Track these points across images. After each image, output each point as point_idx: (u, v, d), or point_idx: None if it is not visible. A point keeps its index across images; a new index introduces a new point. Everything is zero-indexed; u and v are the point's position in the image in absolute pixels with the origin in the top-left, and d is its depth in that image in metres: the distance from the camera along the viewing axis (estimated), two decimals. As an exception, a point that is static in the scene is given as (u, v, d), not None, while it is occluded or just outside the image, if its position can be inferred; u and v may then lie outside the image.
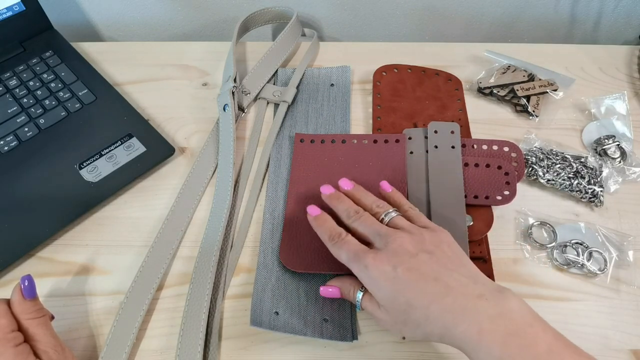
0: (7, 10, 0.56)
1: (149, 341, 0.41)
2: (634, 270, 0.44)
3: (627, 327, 0.42)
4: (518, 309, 0.32)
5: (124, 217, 0.48)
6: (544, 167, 0.49)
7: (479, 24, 0.69)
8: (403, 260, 0.34)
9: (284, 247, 0.45)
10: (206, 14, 0.68)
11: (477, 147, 0.49)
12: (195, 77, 0.59)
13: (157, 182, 0.50)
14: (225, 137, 0.51)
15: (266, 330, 0.41)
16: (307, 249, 0.44)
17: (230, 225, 0.47)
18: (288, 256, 0.44)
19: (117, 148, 0.50)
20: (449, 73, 0.58)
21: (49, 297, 0.43)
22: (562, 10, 0.66)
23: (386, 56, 0.60)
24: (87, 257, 0.45)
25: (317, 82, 0.58)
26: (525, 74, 0.56)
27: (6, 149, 0.50)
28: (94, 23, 0.69)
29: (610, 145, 0.51)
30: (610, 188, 0.49)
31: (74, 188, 0.47)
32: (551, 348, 0.30)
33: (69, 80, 0.55)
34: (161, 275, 0.44)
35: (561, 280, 0.44)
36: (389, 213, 0.39)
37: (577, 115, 0.55)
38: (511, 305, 0.32)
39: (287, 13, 0.62)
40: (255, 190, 0.49)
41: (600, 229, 0.46)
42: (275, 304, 0.42)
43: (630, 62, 0.60)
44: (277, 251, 0.45)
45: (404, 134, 0.51)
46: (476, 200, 0.45)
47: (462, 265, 0.35)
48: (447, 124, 0.50)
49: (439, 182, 0.46)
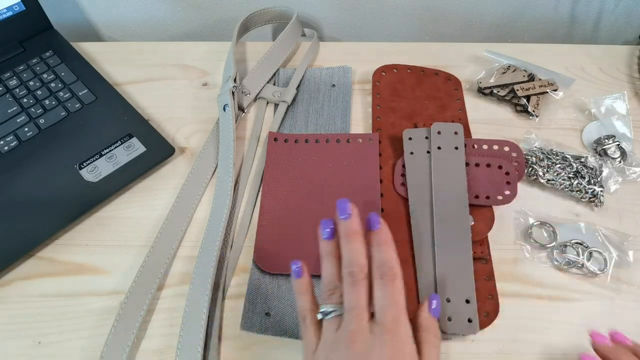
0: (7, 10, 0.56)
1: (149, 341, 0.41)
2: (634, 270, 0.44)
3: (627, 327, 0.41)
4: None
5: (124, 217, 0.48)
6: (544, 167, 0.49)
7: (479, 24, 0.69)
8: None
9: (258, 248, 0.45)
10: (206, 14, 0.68)
11: (477, 147, 0.49)
12: (195, 77, 0.59)
13: (157, 182, 0.50)
14: (225, 137, 0.51)
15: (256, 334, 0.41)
16: (281, 250, 0.44)
17: (230, 225, 0.47)
18: (262, 257, 0.44)
19: (117, 148, 0.50)
20: (448, 73, 0.58)
21: (49, 297, 0.43)
22: (562, 10, 0.66)
23: (386, 56, 0.60)
24: (87, 257, 0.45)
25: (318, 83, 0.58)
26: (525, 74, 0.56)
27: (6, 149, 0.50)
28: (94, 23, 0.69)
29: (610, 145, 0.51)
30: (611, 188, 0.49)
31: (74, 188, 0.47)
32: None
33: (69, 80, 0.55)
34: (161, 275, 0.44)
35: (561, 280, 0.44)
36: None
37: (577, 115, 0.55)
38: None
39: (287, 13, 0.62)
40: (255, 190, 0.49)
41: (600, 229, 0.46)
42: (267, 305, 0.42)
43: (630, 62, 0.60)
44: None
45: (375, 133, 0.51)
46: (477, 200, 0.45)
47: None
48: (451, 125, 0.49)
49: (442, 183, 0.46)
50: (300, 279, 0.37)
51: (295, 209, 0.47)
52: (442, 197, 0.45)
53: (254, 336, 0.41)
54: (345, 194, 0.47)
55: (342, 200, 0.37)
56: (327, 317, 0.35)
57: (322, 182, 0.48)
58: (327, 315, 0.35)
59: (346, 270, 0.35)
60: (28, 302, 0.43)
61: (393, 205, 0.47)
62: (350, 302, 0.34)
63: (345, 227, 0.36)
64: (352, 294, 0.34)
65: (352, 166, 0.49)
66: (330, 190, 0.48)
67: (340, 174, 0.49)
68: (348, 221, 0.36)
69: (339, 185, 0.48)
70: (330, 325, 0.34)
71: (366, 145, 0.50)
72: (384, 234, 0.36)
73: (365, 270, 0.35)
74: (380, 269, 0.35)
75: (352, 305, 0.34)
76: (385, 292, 0.34)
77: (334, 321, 0.34)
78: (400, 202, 0.47)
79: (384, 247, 0.36)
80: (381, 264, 0.35)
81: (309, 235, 0.45)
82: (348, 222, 0.36)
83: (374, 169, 0.49)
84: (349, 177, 0.48)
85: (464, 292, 0.41)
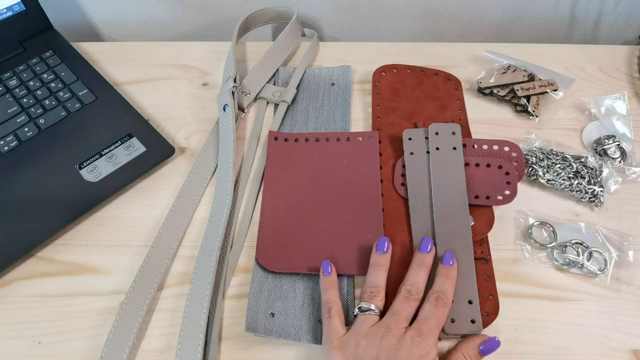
0: (7, 10, 0.56)
1: (149, 341, 0.41)
2: (634, 270, 0.44)
3: (627, 327, 0.42)
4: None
5: (124, 217, 0.48)
6: (544, 167, 0.49)
7: (479, 24, 0.69)
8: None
9: (261, 247, 0.45)
10: (206, 14, 0.68)
11: (477, 147, 0.49)
12: (195, 77, 0.59)
13: (157, 182, 0.50)
14: (225, 137, 0.51)
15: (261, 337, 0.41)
16: (284, 249, 0.44)
17: (230, 225, 0.47)
18: (265, 256, 0.44)
19: (117, 148, 0.50)
20: (448, 73, 0.58)
21: (49, 297, 0.43)
22: (562, 10, 0.66)
23: (386, 56, 0.60)
24: (87, 257, 0.45)
25: (317, 82, 0.58)
26: (525, 74, 0.56)
27: (6, 149, 0.50)
28: (94, 23, 0.69)
29: (610, 145, 0.51)
30: (611, 188, 0.49)
31: (74, 188, 0.47)
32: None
33: (69, 80, 0.55)
34: (161, 275, 0.44)
35: (561, 280, 0.44)
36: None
37: (577, 115, 0.55)
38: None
39: (287, 13, 0.62)
40: (255, 190, 0.49)
41: (601, 229, 0.46)
42: (271, 305, 0.42)
43: (630, 62, 0.60)
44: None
45: (376, 132, 0.52)
46: (477, 200, 0.45)
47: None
48: (448, 125, 0.49)
49: (442, 184, 0.46)
50: (328, 276, 0.41)
51: (296, 207, 0.47)
52: (441, 197, 0.45)
53: (254, 336, 0.41)
54: (346, 192, 0.47)
55: (426, 239, 0.42)
56: (363, 314, 0.38)
57: (322, 180, 0.48)
58: (364, 311, 0.38)
59: (406, 287, 0.39)
60: (28, 302, 0.43)
61: (393, 205, 0.47)
62: (397, 309, 0.38)
63: (421, 259, 0.41)
64: (402, 304, 0.38)
65: (353, 164, 0.49)
66: (331, 188, 0.48)
67: (341, 172, 0.49)
68: (426, 255, 0.41)
69: (339, 183, 0.48)
70: (365, 320, 0.38)
71: (366, 144, 0.51)
72: (453, 272, 0.40)
73: (420, 295, 0.39)
74: (438, 294, 0.38)
75: (397, 311, 0.38)
76: (432, 310, 0.38)
77: (368, 318, 0.38)
78: (400, 202, 0.47)
79: (449, 281, 0.40)
80: (441, 292, 0.39)
81: (311, 233, 0.45)
82: (425, 256, 0.41)
83: (374, 167, 0.49)
84: (349, 175, 0.49)
85: (466, 293, 0.41)
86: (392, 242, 0.45)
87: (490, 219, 0.45)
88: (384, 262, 0.41)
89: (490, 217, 0.45)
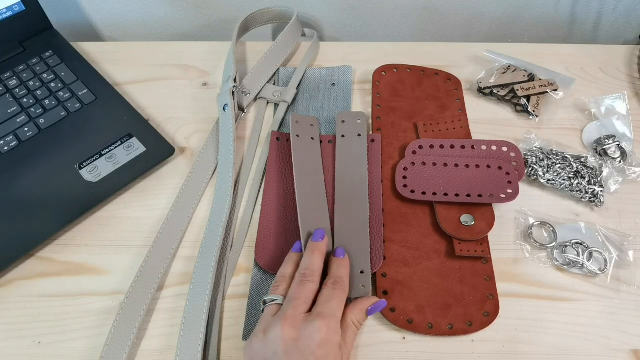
0: (7, 10, 0.56)
1: (149, 341, 0.41)
2: (634, 270, 0.44)
3: (627, 327, 0.42)
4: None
5: (124, 217, 0.48)
6: (544, 167, 0.49)
7: (479, 24, 0.69)
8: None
9: (260, 247, 0.45)
10: (206, 14, 0.68)
11: (476, 148, 0.49)
12: (195, 77, 0.59)
13: (157, 182, 0.50)
14: (225, 137, 0.51)
15: None
16: (283, 250, 0.44)
17: (230, 225, 0.47)
18: (264, 256, 0.44)
19: (117, 148, 0.50)
20: (448, 73, 0.58)
21: (49, 297, 0.43)
22: (562, 10, 0.66)
23: (386, 56, 0.60)
24: (87, 257, 0.45)
25: (318, 82, 0.58)
26: (525, 74, 0.56)
27: (6, 149, 0.50)
28: (94, 23, 0.69)
29: (611, 145, 0.51)
30: (611, 188, 0.49)
31: (74, 188, 0.47)
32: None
33: (69, 80, 0.55)
34: (161, 275, 0.44)
35: (561, 280, 0.44)
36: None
37: (577, 115, 0.55)
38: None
39: (287, 13, 0.62)
40: (255, 190, 0.49)
41: (601, 229, 0.46)
42: None
43: (630, 62, 0.60)
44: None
45: (378, 134, 0.52)
46: (480, 199, 0.45)
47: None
48: (354, 113, 0.52)
49: (345, 167, 0.48)
50: (319, 242, 0.42)
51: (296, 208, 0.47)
52: (344, 179, 0.48)
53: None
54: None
55: (319, 230, 0.42)
56: (266, 306, 0.38)
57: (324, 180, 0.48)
58: (266, 303, 0.39)
59: (300, 272, 0.39)
60: (28, 302, 0.43)
61: (393, 205, 0.47)
62: (293, 294, 0.38)
63: (314, 245, 0.41)
64: (297, 288, 0.38)
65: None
66: (332, 188, 0.48)
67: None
68: (319, 242, 0.42)
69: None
70: (267, 311, 0.38)
71: (369, 145, 0.51)
72: (346, 262, 0.41)
73: (316, 277, 0.39)
74: (335, 279, 0.39)
75: (294, 296, 0.37)
76: (331, 294, 0.38)
77: (272, 309, 0.38)
78: (400, 202, 0.47)
79: (344, 269, 0.40)
80: (337, 277, 0.39)
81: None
82: (318, 243, 0.42)
83: (375, 167, 0.49)
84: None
85: (360, 266, 0.43)
86: (392, 242, 0.45)
87: (491, 219, 0.45)
88: (294, 259, 0.41)
89: (491, 217, 0.45)
